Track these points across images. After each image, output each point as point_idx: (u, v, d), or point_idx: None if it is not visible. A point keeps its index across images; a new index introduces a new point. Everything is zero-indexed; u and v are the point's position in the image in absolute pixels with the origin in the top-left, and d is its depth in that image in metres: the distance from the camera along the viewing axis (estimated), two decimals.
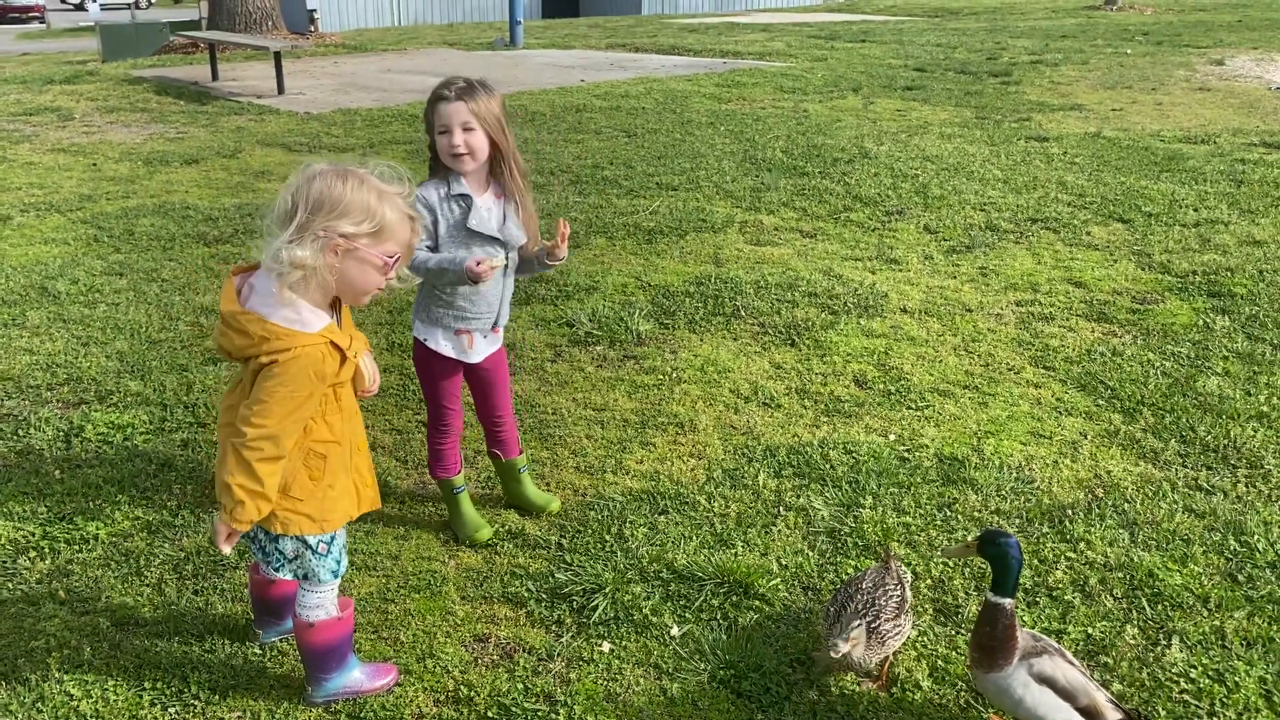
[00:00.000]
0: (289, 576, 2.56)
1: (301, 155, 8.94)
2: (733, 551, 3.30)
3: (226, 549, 2.33)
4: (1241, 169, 8.24)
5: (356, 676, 2.67)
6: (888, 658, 2.75)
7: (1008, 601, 2.39)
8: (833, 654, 2.54)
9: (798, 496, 3.62)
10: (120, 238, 6.55)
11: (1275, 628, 2.93)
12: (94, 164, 8.66)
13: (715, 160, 8.72)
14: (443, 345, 3.19)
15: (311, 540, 2.48)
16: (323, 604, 2.57)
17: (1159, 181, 7.91)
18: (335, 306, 2.39)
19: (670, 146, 9.28)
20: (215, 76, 13.35)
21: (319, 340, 2.26)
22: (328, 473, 2.43)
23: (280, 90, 12.04)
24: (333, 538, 2.52)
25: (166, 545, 3.32)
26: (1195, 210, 7.09)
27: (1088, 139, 9.52)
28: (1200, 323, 5.18)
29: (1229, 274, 5.81)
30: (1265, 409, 4.24)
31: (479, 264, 2.94)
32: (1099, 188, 7.74)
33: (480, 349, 3.25)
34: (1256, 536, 3.36)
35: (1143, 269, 6.01)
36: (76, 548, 3.30)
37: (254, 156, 9.01)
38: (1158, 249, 6.31)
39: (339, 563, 2.55)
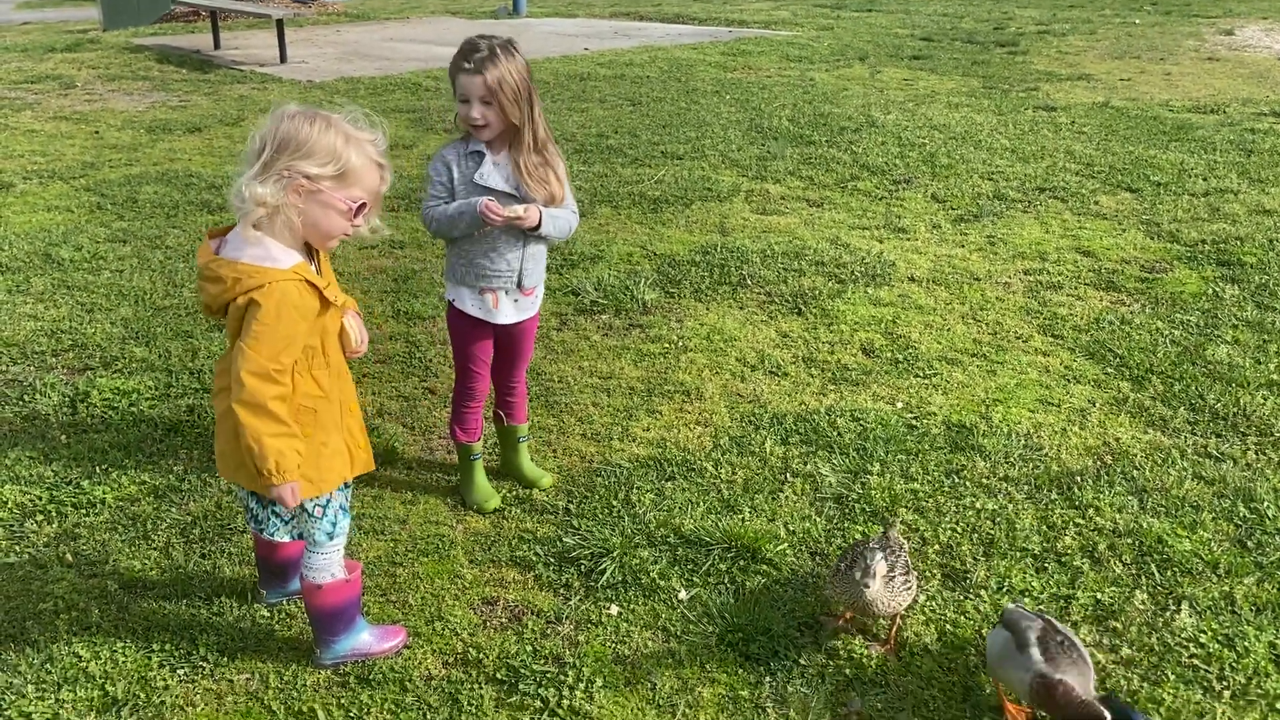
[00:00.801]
0: (286, 538, 2.56)
1: None
2: (740, 517, 3.29)
3: (295, 502, 2.37)
4: (1251, 138, 8.17)
5: (365, 639, 2.67)
6: (896, 620, 2.75)
7: None
8: (866, 588, 2.53)
9: (805, 463, 3.61)
10: (123, 205, 6.52)
11: None
12: (96, 132, 8.61)
13: (721, 129, 8.65)
14: (469, 305, 3.16)
15: (307, 503, 2.47)
16: (328, 566, 2.56)
17: (1168, 151, 7.84)
18: (314, 257, 2.39)
19: (675, 115, 9.21)
20: (217, 45, 13.25)
21: (292, 275, 2.26)
22: (319, 429, 2.42)
23: (283, 59, 11.95)
24: (328, 500, 2.51)
25: (173, 509, 3.31)
26: (1204, 179, 7.04)
27: (1096, 109, 9.44)
28: (1209, 291, 5.15)
29: (1238, 243, 5.77)
30: (1275, 377, 4.21)
31: (489, 205, 2.91)
32: (1107, 157, 7.67)
33: (506, 310, 3.19)
34: (1266, 503, 3.35)
35: (1151, 238, 5.97)
36: (83, 512, 3.30)
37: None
38: (1166, 218, 6.27)
39: (334, 525, 2.54)
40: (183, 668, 2.65)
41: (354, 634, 2.65)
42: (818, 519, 3.29)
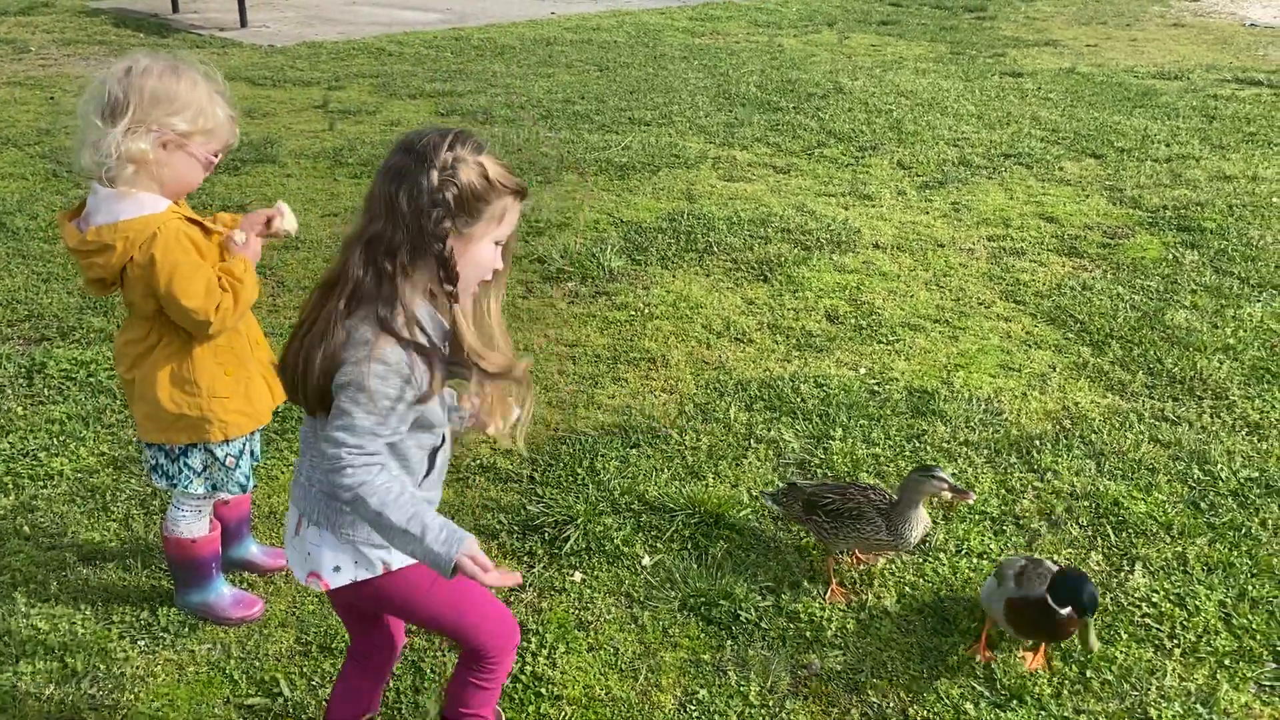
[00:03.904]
0: (201, 489, 2.54)
1: (265, 89, 8.74)
2: (704, 483, 3.31)
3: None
4: (1214, 105, 8.23)
5: (216, 601, 2.69)
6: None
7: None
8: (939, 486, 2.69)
9: (769, 429, 3.63)
10: (79, 172, 6.39)
11: (1236, 553, 2.99)
12: (51, 97, 8.42)
13: (689, 95, 8.60)
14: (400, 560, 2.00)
15: (219, 453, 2.49)
16: (187, 522, 2.59)
17: (1132, 117, 7.89)
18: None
19: (643, 81, 9.14)
20: (176, 8, 12.97)
21: (171, 215, 2.26)
22: (239, 366, 2.45)
23: (243, 23, 11.72)
24: (241, 449, 2.53)
25: (133, 481, 3.28)
26: (1167, 146, 7.09)
27: (1062, 75, 9.46)
28: (1170, 257, 5.20)
29: (1199, 209, 5.83)
30: (1231, 341, 4.28)
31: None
32: (1072, 123, 7.71)
33: None
34: (1220, 465, 3.40)
35: (1114, 204, 6.01)
36: (41, 484, 3.26)
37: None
38: (1129, 184, 6.32)
39: (248, 479, 2.59)
40: (143, 639, 2.63)
41: (207, 592, 2.68)
42: (781, 484, 3.31)
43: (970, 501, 3.03)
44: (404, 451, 1.87)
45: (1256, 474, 3.37)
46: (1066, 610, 2.40)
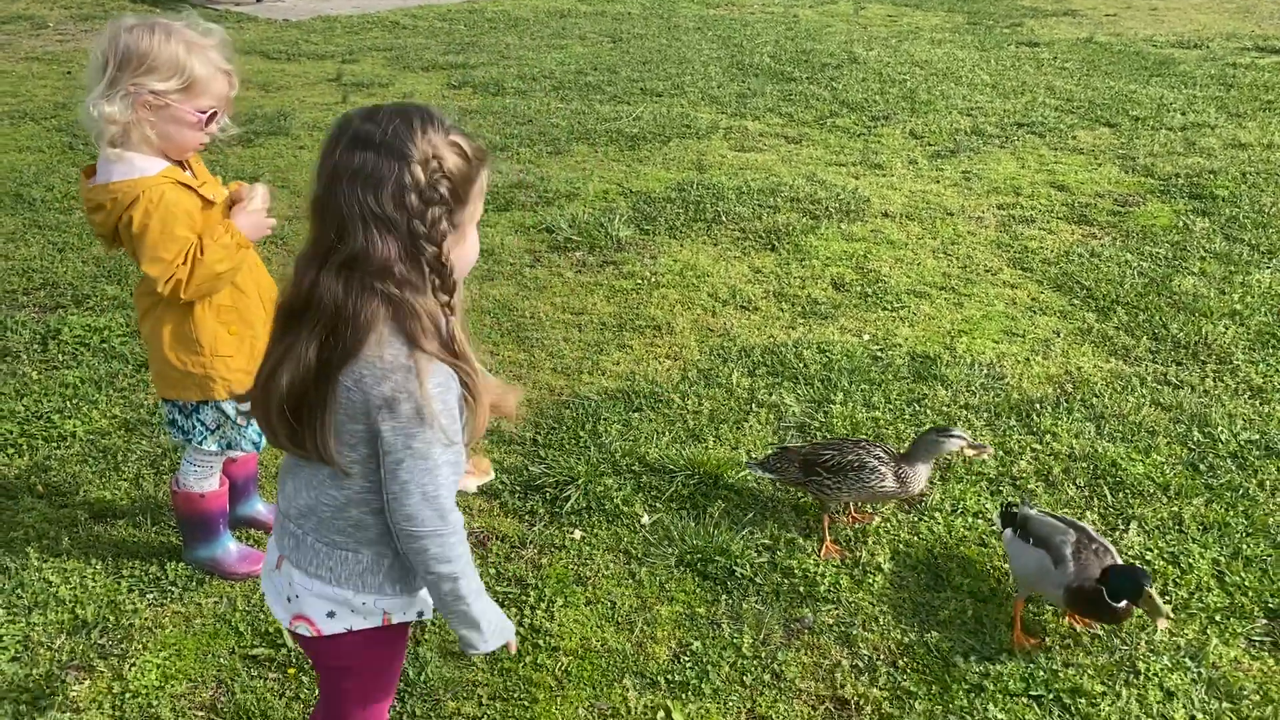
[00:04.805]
0: (214, 446, 2.59)
1: (280, 63, 8.78)
2: (704, 445, 3.34)
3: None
4: (1232, 73, 8.14)
5: (223, 556, 2.75)
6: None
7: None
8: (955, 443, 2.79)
9: (770, 394, 3.66)
10: (95, 145, 6.46)
11: (1232, 513, 3.00)
12: (68, 72, 8.50)
13: (702, 66, 8.58)
14: (411, 610, 1.79)
15: (229, 409, 2.54)
16: (197, 477, 2.64)
17: (1148, 86, 7.81)
18: (184, 163, 2.40)
19: (656, 52, 9.13)
20: None
21: (161, 179, 2.28)
22: (245, 326, 2.47)
23: None
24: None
25: (144, 442, 3.35)
26: (1183, 114, 7.02)
27: (1080, 44, 9.37)
28: (1180, 224, 5.17)
29: (1212, 176, 5.79)
30: (1238, 307, 4.26)
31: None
32: (1088, 92, 7.64)
33: None
34: (1220, 428, 3.41)
35: (1126, 172, 5.97)
36: (54, 445, 3.33)
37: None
38: (1143, 152, 6.27)
39: (261, 435, 2.61)
40: (151, 592, 2.70)
41: (214, 547, 2.74)
42: (771, 450, 3.34)
43: (987, 456, 3.05)
44: None
45: (1257, 436, 3.37)
46: (1123, 604, 2.38)
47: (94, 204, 2.29)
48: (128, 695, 2.40)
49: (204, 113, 2.30)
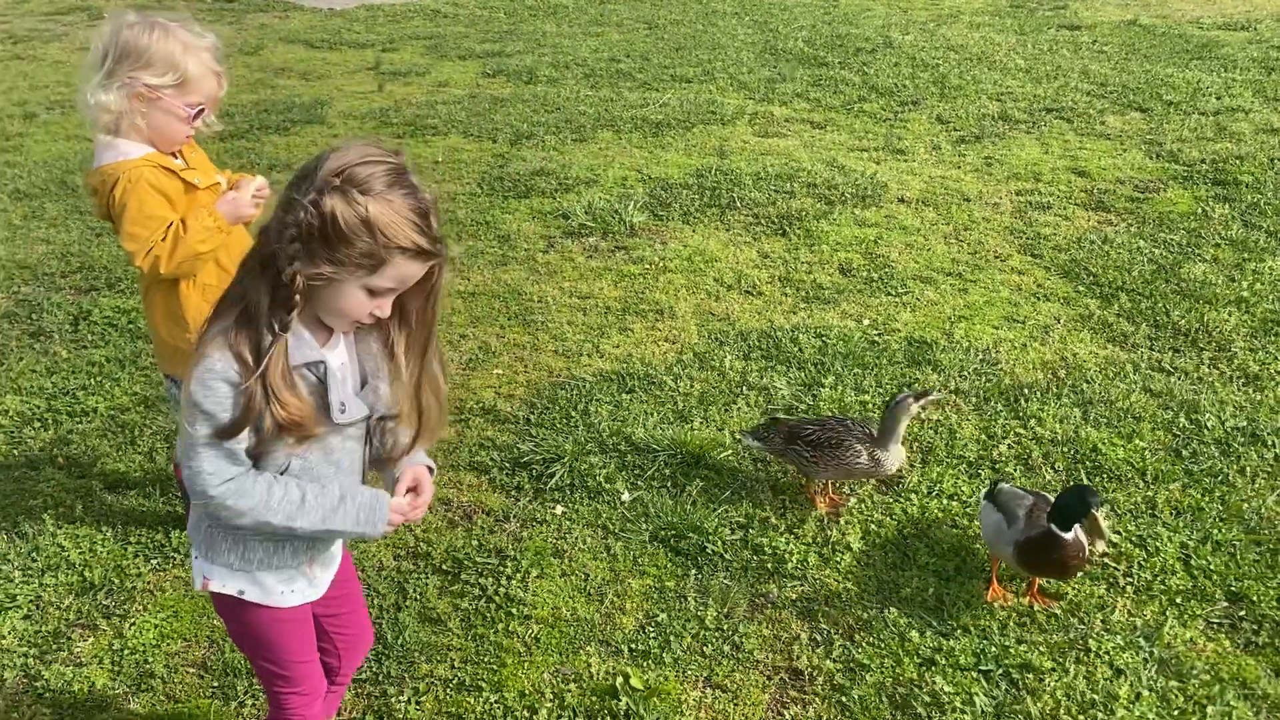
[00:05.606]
0: None
1: (321, 51, 9.00)
2: (689, 426, 3.43)
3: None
4: (1276, 56, 7.96)
5: None
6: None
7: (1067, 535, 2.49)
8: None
9: (761, 377, 3.73)
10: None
11: (1208, 499, 3.02)
12: None
13: (734, 51, 8.62)
14: (278, 593, 1.87)
15: None
16: None
17: (1187, 69, 7.68)
18: (177, 152, 2.53)
19: (690, 38, 9.18)
20: None
21: (142, 163, 2.42)
22: None
23: None
24: None
25: (160, 418, 3.54)
26: (1218, 99, 6.91)
27: (1122, 27, 9.22)
28: (1199, 210, 5.12)
29: (1238, 162, 5.70)
30: (1245, 294, 4.23)
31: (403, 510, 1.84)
32: (1122, 76, 7.54)
33: (325, 572, 1.96)
34: (1208, 415, 3.41)
35: (1150, 158, 5.91)
36: (77, 420, 3.54)
37: (275, 53, 9.08)
38: (1170, 138, 6.19)
39: None
40: (155, 558, 2.88)
41: None
42: (763, 420, 3.42)
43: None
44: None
45: (1245, 423, 3.37)
46: (1072, 534, 2.45)
47: (91, 188, 2.46)
48: (126, 651, 2.57)
49: (193, 108, 2.45)
